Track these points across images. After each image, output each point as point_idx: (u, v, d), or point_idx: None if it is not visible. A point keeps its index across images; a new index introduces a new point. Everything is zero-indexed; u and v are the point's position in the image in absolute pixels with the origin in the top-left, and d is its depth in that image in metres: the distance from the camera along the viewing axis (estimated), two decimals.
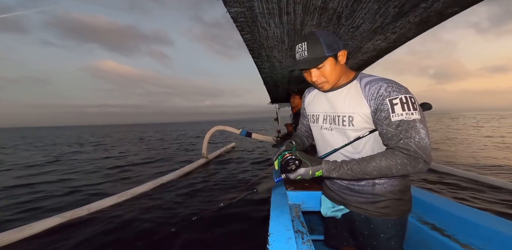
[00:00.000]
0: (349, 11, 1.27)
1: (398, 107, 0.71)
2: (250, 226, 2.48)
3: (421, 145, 0.69)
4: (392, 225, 0.86)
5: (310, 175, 0.78)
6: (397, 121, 0.71)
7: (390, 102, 0.72)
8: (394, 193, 0.86)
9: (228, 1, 1.10)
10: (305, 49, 0.77)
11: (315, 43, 0.76)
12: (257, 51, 1.91)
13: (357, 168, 0.75)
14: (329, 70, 0.80)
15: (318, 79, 0.82)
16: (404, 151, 0.70)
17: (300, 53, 0.79)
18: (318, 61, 0.77)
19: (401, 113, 0.70)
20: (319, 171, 0.78)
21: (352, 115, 0.81)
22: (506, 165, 5.02)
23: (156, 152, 9.18)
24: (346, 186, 0.92)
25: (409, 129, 0.70)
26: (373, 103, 0.75)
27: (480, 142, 8.89)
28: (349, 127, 0.82)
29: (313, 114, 0.98)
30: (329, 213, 1.01)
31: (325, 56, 0.77)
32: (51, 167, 6.66)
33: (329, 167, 0.78)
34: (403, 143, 0.70)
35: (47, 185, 4.55)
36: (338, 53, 0.79)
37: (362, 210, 0.90)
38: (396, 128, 0.72)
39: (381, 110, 0.74)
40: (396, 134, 0.72)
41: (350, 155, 0.86)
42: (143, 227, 2.55)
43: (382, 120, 0.75)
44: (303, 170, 0.77)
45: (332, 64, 0.79)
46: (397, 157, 0.70)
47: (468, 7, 1.26)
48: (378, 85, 0.75)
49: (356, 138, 0.82)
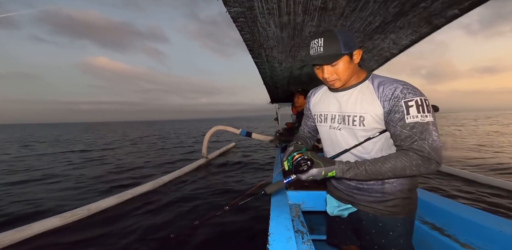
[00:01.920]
0: (348, 11, 1.27)
1: (413, 109, 0.71)
2: (250, 226, 2.48)
3: (433, 147, 0.70)
4: (401, 223, 0.87)
5: (323, 175, 0.77)
6: (412, 123, 0.72)
7: (405, 104, 0.72)
8: (403, 192, 0.86)
9: (228, 1, 1.10)
10: (321, 45, 0.76)
11: (332, 40, 0.75)
12: (257, 51, 1.91)
13: (372, 169, 0.75)
14: (342, 68, 0.79)
15: (330, 76, 0.81)
16: (419, 152, 0.71)
17: (315, 49, 0.77)
18: (333, 58, 0.76)
19: (416, 115, 0.71)
20: (332, 172, 0.78)
21: (363, 115, 0.81)
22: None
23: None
24: (354, 186, 0.92)
25: (423, 131, 0.71)
26: (387, 104, 0.75)
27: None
28: (359, 127, 0.82)
29: (321, 114, 0.97)
30: (335, 212, 1.01)
31: (341, 54, 0.76)
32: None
33: (343, 167, 0.78)
34: (417, 145, 0.71)
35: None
36: (354, 52, 0.79)
37: (370, 209, 0.89)
38: (410, 129, 0.72)
39: (396, 112, 0.74)
40: (410, 136, 0.73)
41: (361, 155, 0.86)
42: (143, 227, 2.55)
43: (396, 121, 0.75)
44: (316, 170, 0.76)
45: (347, 62, 0.79)
46: (411, 158, 0.72)
47: (469, 11, 1.26)
48: (393, 87, 0.75)
49: (367, 138, 0.82)
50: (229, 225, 2.49)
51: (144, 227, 2.56)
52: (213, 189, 3.88)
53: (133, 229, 2.51)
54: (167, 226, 2.59)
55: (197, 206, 3.17)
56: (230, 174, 4.96)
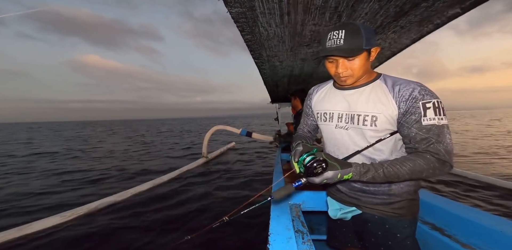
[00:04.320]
0: (349, 11, 1.27)
1: (431, 111, 0.70)
2: (250, 226, 2.48)
3: (448, 150, 0.70)
4: (408, 225, 0.86)
5: (338, 178, 0.71)
6: (428, 126, 0.71)
7: (423, 105, 0.71)
8: (410, 193, 0.85)
9: (229, 1, 1.10)
10: (342, 37, 0.72)
11: (355, 33, 0.71)
12: (258, 51, 1.91)
13: (390, 171, 0.72)
14: (359, 64, 0.76)
15: (344, 72, 0.77)
16: (435, 155, 0.70)
17: (334, 41, 0.73)
18: (354, 52, 0.72)
19: (433, 117, 0.70)
20: (349, 175, 0.72)
21: (376, 115, 0.78)
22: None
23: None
24: (359, 188, 0.89)
25: (439, 134, 0.70)
26: (404, 105, 0.73)
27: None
28: (370, 127, 0.79)
29: (325, 112, 0.93)
30: (339, 215, 0.99)
31: (362, 49, 0.72)
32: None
33: (361, 170, 0.73)
34: (433, 148, 0.71)
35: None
36: (372, 49, 0.76)
37: (376, 211, 0.88)
38: (427, 132, 0.71)
39: (412, 113, 0.72)
40: (426, 138, 0.71)
41: (372, 157, 0.83)
42: (143, 227, 2.55)
43: (411, 123, 0.73)
44: (332, 173, 0.69)
45: (364, 58, 0.76)
46: (429, 161, 0.71)
47: (470, 10, 1.25)
48: (410, 87, 0.73)
49: (378, 140, 0.79)
50: (230, 225, 2.45)
51: (144, 226, 2.57)
52: (213, 189, 3.88)
53: (133, 228, 2.52)
54: (168, 225, 2.59)
55: (197, 206, 3.18)
56: (230, 174, 4.96)
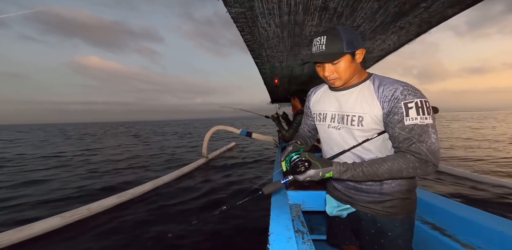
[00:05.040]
0: (349, 11, 1.27)
1: (413, 111, 0.71)
2: (250, 226, 2.48)
3: (431, 150, 0.70)
4: (399, 224, 0.87)
5: (320, 176, 0.77)
6: (410, 125, 0.72)
7: (405, 105, 0.72)
8: (402, 193, 0.86)
9: (229, 1, 1.10)
10: (323, 43, 0.75)
11: (335, 38, 0.75)
12: (258, 51, 1.91)
13: (369, 170, 0.75)
14: (343, 67, 0.78)
15: (330, 75, 0.81)
16: (416, 155, 0.71)
17: (317, 47, 0.77)
18: (334, 56, 0.76)
19: (415, 117, 0.71)
20: (330, 173, 0.77)
21: (362, 115, 0.80)
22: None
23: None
24: (353, 186, 0.92)
25: (422, 134, 0.71)
26: (387, 105, 0.75)
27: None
28: (357, 127, 0.82)
29: (320, 113, 0.97)
30: (335, 212, 1.01)
31: (343, 53, 0.75)
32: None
33: (340, 169, 0.77)
34: (415, 147, 0.71)
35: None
36: (356, 51, 0.78)
37: (369, 210, 0.90)
38: (409, 132, 0.72)
39: (395, 113, 0.74)
40: (408, 138, 0.72)
41: (361, 155, 0.86)
42: (143, 227, 2.55)
43: (394, 123, 0.75)
44: (313, 171, 0.76)
45: (348, 61, 0.78)
46: (409, 161, 0.72)
47: (468, 8, 1.26)
48: (393, 87, 0.74)
49: (366, 139, 0.82)
50: (227, 225, 2.50)
51: (143, 226, 2.56)
52: (213, 189, 3.89)
53: (132, 228, 2.52)
54: (166, 225, 2.59)
55: (196, 205, 3.18)
56: (230, 173, 4.96)
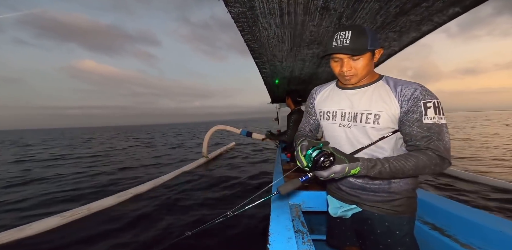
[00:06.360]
0: (350, 11, 1.27)
1: (431, 110, 0.74)
2: (250, 226, 2.47)
3: (447, 148, 0.74)
4: (407, 222, 0.88)
5: (345, 173, 0.71)
6: (429, 124, 0.74)
7: (424, 104, 0.74)
8: (409, 191, 0.88)
9: (229, 1, 1.10)
10: (348, 38, 0.76)
11: (361, 34, 0.75)
12: (258, 51, 1.91)
13: (396, 166, 0.73)
14: (363, 64, 0.79)
15: (348, 71, 0.81)
16: (436, 152, 0.74)
17: (340, 40, 0.77)
18: (359, 51, 0.76)
19: (433, 116, 0.74)
20: (356, 169, 0.72)
21: (379, 113, 0.81)
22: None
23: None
24: (360, 185, 0.91)
25: (439, 132, 0.74)
26: (405, 104, 0.77)
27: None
28: (373, 125, 0.82)
29: (328, 111, 0.95)
30: (339, 213, 1.01)
31: (367, 49, 0.76)
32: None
33: (368, 164, 0.73)
34: (434, 145, 0.74)
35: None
36: (376, 50, 0.80)
37: (377, 209, 0.90)
38: (427, 130, 0.74)
39: (413, 112, 0.76)
40: (427, 136, 0.75)
41: (375, 154, 0.85)
42: (143, 227, 2.55)
43: (412, 121, 0.76)
44: (340, 167, 0.69)
45: (369, 59, 0.79)
46: (431, 157, 0.74)
47: (470, 9, 1.26)
48: (412, 87, 0.77)
49: (381, 137, 0.82)
50: (230, 225, 2.44)
51: (143, 225, 2.56)
52: (213, 189, 3.89)
53: (133, 228, 2.52)
54: (165, 224, 2.59)
55: (196, 205, 3.18)
56: (230, 173, 4.96)
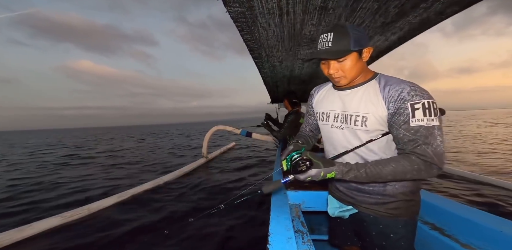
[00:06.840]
0: (349, 11, 1.27)
1: (420, 112, 0.69)
2: (250, 226, 2.48)
3: (437, 152, 0.68)
4: (402, 225, 0.85)
5: (322, 176, 0.74)
6: (416, 127, 0.70)
7: (411, 106, 0.70)
8: (405, 194, 0.84)
9: (228, 1, 1.10)
10: (330, 40, 0.73)
11: (343, 35, 0.72)
12: (257, 51, 1.91)
13: (372, 171, 0.73)
14: (349, 65, 0.76)
15: (335, 73, 0.79)
16: (421, 157, 0.69)
17: (323, 43, 0.75)
18: (341, 53, 0.73)
19: (421, 118, 0.69)
20: (332, 173, 0.75)
21: (366, 115, 0.78)
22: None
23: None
24: (355, 187, 0.91)
25: (428, 136, 0.69)
26: (392, 105, 0.73)
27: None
28: (361, 127, 0.80)
29: (323, 112, 0.95)
30: (337, 213, 1.00)
31: (349, 50, 0.73)
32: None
33: (343, 169, 0.75)
34: (420, 149, 0.70)
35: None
36: (364, 49, 0.76)
37: (371, 211, 0.88)
38: (414, 133, 0.70)
39: (400, 114, 0.72)
40: (414, 140, 0.71)
41: (365, 156, 0.84)
42: (143, 227, 2.55)
43: (400, 124, 0.73)
44: (315, 171, 0.73)
45: (355, 59, 0.76)
46: (414, 163, 0.70)
47: (468, 7, 1.26)
48: (399, 88, 0.72)
49: (369, 140, 0.80)
50: (230, 225, 2.49)
51: (143, 225, 2.56)
52: (212, 189, 3.88)
53: (133, 228, 2.52)
54: (165, 224, 2.60)
55: (196, 205, 3.18)
56: (230, 173, 4.95)
